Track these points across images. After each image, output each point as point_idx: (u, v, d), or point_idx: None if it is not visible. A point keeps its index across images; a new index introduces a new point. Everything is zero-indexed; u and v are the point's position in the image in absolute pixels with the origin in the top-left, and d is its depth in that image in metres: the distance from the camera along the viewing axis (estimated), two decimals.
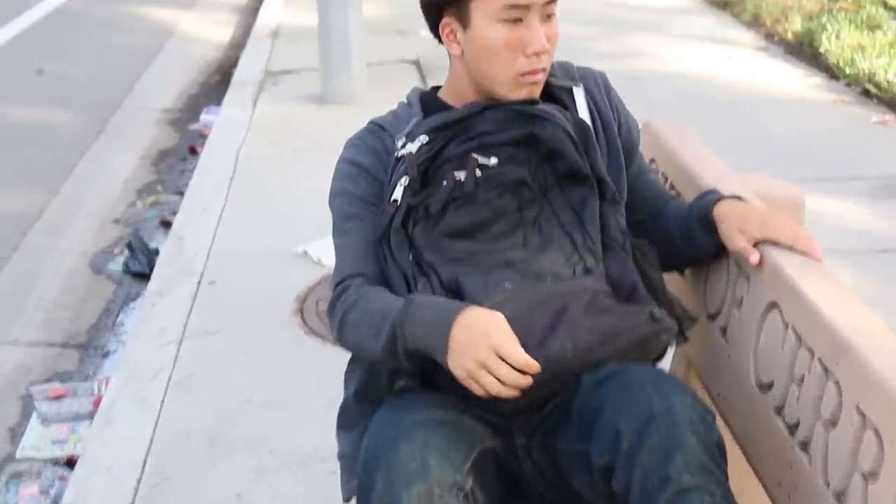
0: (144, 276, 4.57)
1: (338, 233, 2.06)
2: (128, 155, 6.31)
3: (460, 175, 1.95)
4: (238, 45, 8.67)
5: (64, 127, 6.75)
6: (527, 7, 1.92)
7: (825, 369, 1.59)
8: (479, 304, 1.82)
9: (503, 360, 1.74)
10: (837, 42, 6.83)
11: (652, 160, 2.40)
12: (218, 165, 5.51)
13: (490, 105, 2.00)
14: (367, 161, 2.05)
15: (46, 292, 4.61)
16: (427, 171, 1.96)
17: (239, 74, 7.33)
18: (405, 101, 2.14)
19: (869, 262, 4.20)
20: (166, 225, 5.13)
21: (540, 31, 1.93)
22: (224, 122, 6.29)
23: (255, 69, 7.38)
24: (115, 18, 9.92)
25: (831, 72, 6.67)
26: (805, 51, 7.14)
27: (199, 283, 4.18)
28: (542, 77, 2.00)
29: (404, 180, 1.94)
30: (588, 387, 1.78)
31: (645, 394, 1.70)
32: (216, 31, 9.43)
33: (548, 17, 1.96)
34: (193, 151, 6.24)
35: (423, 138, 1.98)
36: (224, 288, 4.14)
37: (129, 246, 4.91)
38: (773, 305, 1.78)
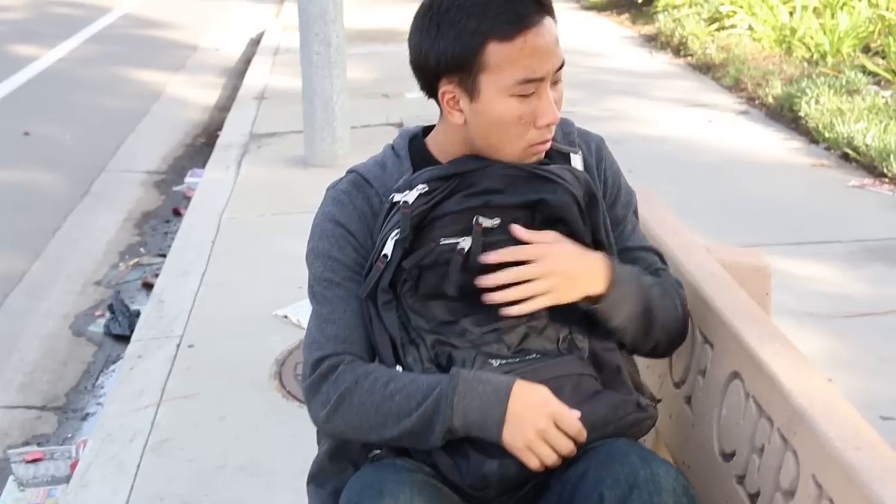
0: (125, 339, 4.57)
1: (317, 298, 1.98)
2: (112, 217, 6.33)
3: (464, 243, 1.88)
4: (224, 107, 8.73)
5: (48, 189, 6.77)
6: (541, 79, 1.87)
7: (784, 439, 1.60)
8: None
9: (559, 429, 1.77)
10: (817, 106, 6.90)
11: None
12: (200, 228, 5.53)
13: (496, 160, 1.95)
14: (355, 226, 1.97)
15: (26, 354, 4.61)
16: (421, 222, 1.89)
17: (224, 137, 7.38)
18: (392, 148, 2.06)
19: (845, 326, 4.23)
20: (148, 287, 5.14)
21: (552, 103, 1.89)
22: (207, 185, 6.33)
23: (240, 132, 7.43)
24: (104, 80, 9.98)
25: (811, 136, 6.73)
26: (785, 115, 7.21)
27: (178, 345, 4.19)
28: (549, 144, 1.96)
29: (396, 233, 1.87)
30: (570, 459, 1.79)
31: (629, 462, 1.71)
32: (203, 93, 9.50)
33: (555, 84, 1.91)
34: (177, 213, 6.26)
35: (422, 188, 1.90)
36: (203, 351, 4.15)
37: (111, 308, 4.92)
38: (735, 375, 1.80)
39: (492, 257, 1.86)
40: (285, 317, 4.32)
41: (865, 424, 1.55)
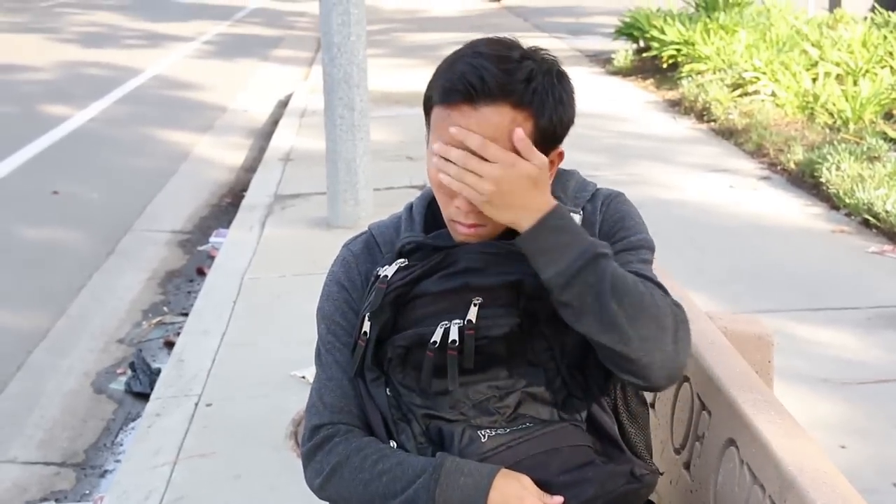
0: (146, 397, 4.62)
1: (320, 361, 2.00)
2: (136, 275, 6.41)
3: (437, 335, 1.84)
4: (250, 168, 8.84)
5: (75, 246, 6.87)
6: None
7: None
8: (462, 454, 1.84)
9: None
10: (838, 172, 6.93)
11: None
12: (222, 288, 5.60)
13: None
14: (358, 292, 1.96)
15: (47, 411, 4.67)
16: (402, 297, 1.87)
17: (249, 198, 7.47)
18: (409, 209, 2.03)
19: (860, 393, 4.23)
20: (170, 345, 5.20)
21: None
22: (231, 245, 6.41)
23: (265, 192, 7.53)
24: (133, 140, 10.14)
25: (831, 202, 6.76)
26: (806, 180, 7.24)
27: (196, 404, 4.24)
28: (480, 232, 1.86)
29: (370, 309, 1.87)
30: None
31: None
32: (230, 154, 9.62)
33: None
34: (201, 273, 6.34)
35: (402, 262, 1.89)
36: (221, 410, 4.19)
37: (132, 366, 4.98)
38: (731, 442, 1.83)
39: (454, 132, 1.80)
40: (303, 377, 4.36)
41: (854, 493, 1.57)
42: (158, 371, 4.85)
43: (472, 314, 1.84)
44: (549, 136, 1.84)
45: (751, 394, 1.87)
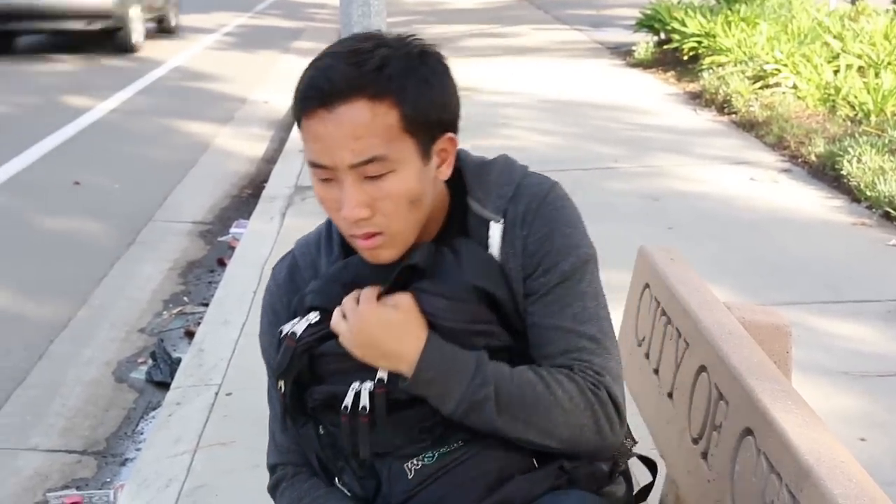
0: (166, 386, 4.64)
1: (268, 395, 1.97)
2: (157, 266, 6.44)
3: (348, 399, 1.75)
4: (271, 159, 8.87)
5: (96, 237, 6.90)
6: (331, 169, 1.69)
7: (791, 496, 1.63)
8: (392, 492, 1.80)
9: None
10: (859, 165, 6.90)
11: (646, 285, 2.47)
12: (242, 278, 5.62)
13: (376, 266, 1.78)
14: (287, 327, 1.83)
15: (68, 400, 4.70)
16: (310, 349, 1.77)
17: (269, 189, 7.50)
18: (329, 223, 1.88)
19: (880, 386, 4.21)
20: (191, 335, 5.22)
21: (353, 195, 1.68)
22: (251, 236, 6.43)
23: (285, 184, 7.55)
24: (154, 132, 10.18)
25: (853, 194, 6.74)
26: (827, 173, 7.22)
27: (216, 393, 4.26)
28: (379, 241, 1.73)
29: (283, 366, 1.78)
30: None
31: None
32: (250, 145, 9.64)
33: (377, 177, 1.68)
34: (222, 263, 6.36)
35: (313, 317, 1.79)
36: (240, 399, 4.21)
37: (153, 355, 5.01)
38: (748, 431, 1.83)
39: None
40: None
41: (872, 483, 1.57)
42: (179, 361, 4.88)
43: (383, 373, 1.75)
44: (422, 123, 1.71)
45: (768, 383, 1.87)
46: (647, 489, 2.11)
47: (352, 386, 1.76)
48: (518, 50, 14.34)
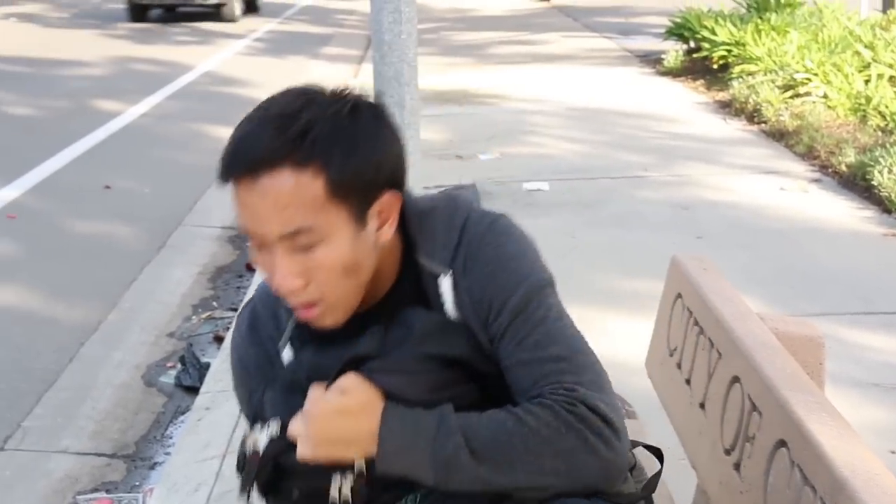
0: (195, 390, 4.66)
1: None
2: (187, 270, 6.47)
3: (345, 489, 1.65)
4: None
5: (126, 241, 6.94)
6: (261, 236, 1.63)
7: None
8: None
9: None
10: (890, 175, 6.86)
11: (678, 295, 2.47)
12: None
13: (323, 338, 1.73)
14: (253, 377, 1.83)
15: (99, 403, 4.72)
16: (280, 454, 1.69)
17: None
18: None
19: None
20: (220, 340, 5.24)
21: (284, 266, 1.62)
22: None
23: None
24: (184, 136, 10.23)
25: (883, 205, 6.70)
26: (858, 183, 7.19)
27: None
28: (317, 311, 1.68)
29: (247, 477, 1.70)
30: None
31: None
32: None
33: (306, 247, 1.62)
34: (250, 268, 6.38)
35: (274, 429, 1.70)
36: None
37: (182, 360, 5.02)
38: (782, 443, 1.83)
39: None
40: None
41: None
42: (208, 365, 4.90)
43: (360, 462, 1.65)
44: (352, 188, 1.62)
45: (802, 395, 1.86)
46: (655, 479, 2.04)
47: (332, 478, 1.66)
48: (547, 57, 14.33)
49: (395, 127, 1.73)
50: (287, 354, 1.81)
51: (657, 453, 2.12)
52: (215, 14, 21.49)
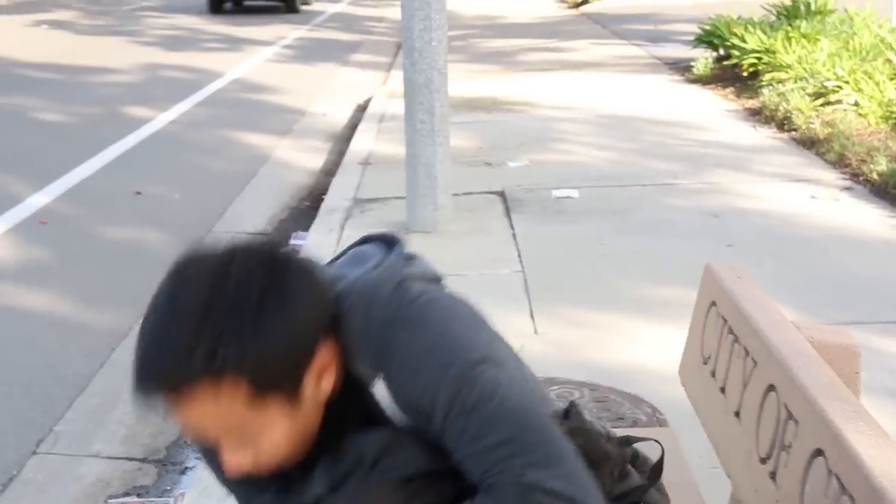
0: None
1: None
2: None
3: None
4: (329, 171, 8.91)
5: (157, 247, 6.97)
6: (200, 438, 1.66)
7: None
8: None
9: None
10: None
11: (712, 303, 2.46)
12: None
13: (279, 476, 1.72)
14: None
15: (129, 407, 4.74)
16: None
17: (328, 201, 7.54)
18: None
19: None
20: None
21: (230, 460, 1.62)
22: (310, 248, 6.46)
23: (344, 196, 7.59)
24: (214, 143, 10.28)
25: None
26: (889, 191, 7.15)
27: None
28: (275, 467, 1.67)
29: None
30: None
31: None
32: (310, 157, 9.70)
33: (248, 440, 1.60)
34: None
35: None
36: None
37: None
38: (819, 452, 1.82)
39: None
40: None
41: None
42: None
43: None
44: (279, 375, 1.56)
45: (839, 404, 1.85)
46: (659, 465, 2.03)
47: None
48: (575, 65, 14.33)
49: (315, 277, 1.63)
50: None
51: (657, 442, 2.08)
52: (281, 7, 25.01)
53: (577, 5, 23.89)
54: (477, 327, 1.72)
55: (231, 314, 1.51)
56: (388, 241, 1.81)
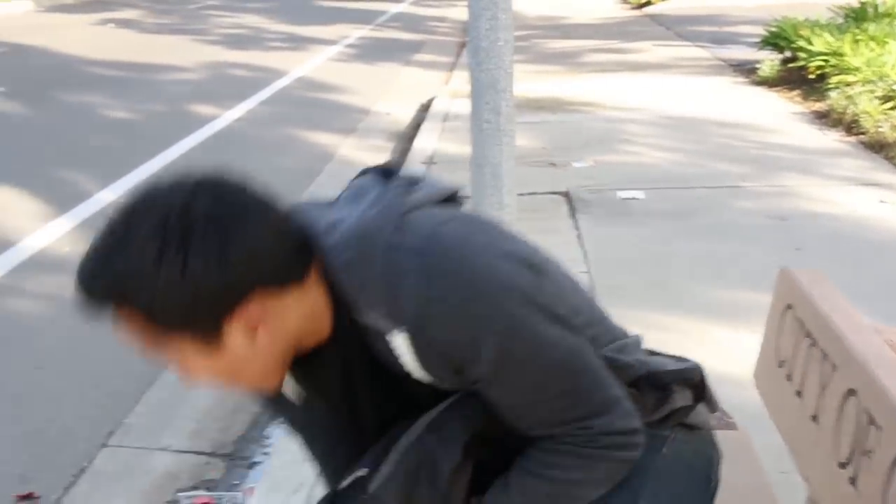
0: None
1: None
2: None
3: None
4: None
5: None
6: None
7: None
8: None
9: None
10: None
11: (788, 306, 2.44)
12: None
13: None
14: None
15: (198, 402, 4.79)
16: None
17: None
18: None
19: None
20: None
21: (178, 371, 1.69)
22: None
23: None
24: (279, 141, 10.34)
25: None
26: None
27: None
28: (245, 391, 1.76)
29: None
30: None
31: None
32: (373, 156, 9.72)
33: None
34: None
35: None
36: None
37: None
38: None
39: None
40: None
41: None
42: None
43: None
44: (171, 318, 1.54)
45: None
46: (702, 387, 2.11)
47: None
48: (639, 66, 14.25)
49: (260, 230, 1.64)
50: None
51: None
52: None
53: (640, 6, 23.74)
54: (500, 241, 1.70)
55: (142, 250, 1.49)
56: (385, 172, 1.84)
